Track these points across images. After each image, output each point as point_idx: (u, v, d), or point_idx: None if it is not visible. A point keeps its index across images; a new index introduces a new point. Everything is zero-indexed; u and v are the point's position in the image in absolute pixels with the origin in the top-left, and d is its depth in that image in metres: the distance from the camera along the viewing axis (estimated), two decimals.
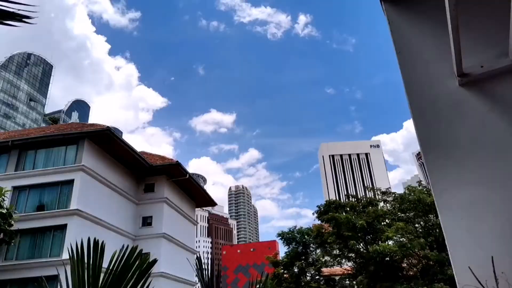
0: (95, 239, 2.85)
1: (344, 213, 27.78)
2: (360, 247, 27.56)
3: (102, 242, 2.85)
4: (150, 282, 2.93)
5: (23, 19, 1.96)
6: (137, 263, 2.81)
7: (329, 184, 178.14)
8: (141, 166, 29.26)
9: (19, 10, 1.93)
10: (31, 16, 1.97)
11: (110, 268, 2.77)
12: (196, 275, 4.12)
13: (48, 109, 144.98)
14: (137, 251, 2.84)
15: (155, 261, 2.96)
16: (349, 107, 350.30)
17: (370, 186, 48.29)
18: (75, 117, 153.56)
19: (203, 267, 4.00)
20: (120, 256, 2.80)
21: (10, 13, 1.93)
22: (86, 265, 2.77)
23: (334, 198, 67.88)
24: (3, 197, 20.19)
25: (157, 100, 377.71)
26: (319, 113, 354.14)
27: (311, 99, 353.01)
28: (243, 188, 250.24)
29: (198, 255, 4.42)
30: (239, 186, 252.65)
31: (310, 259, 30.75)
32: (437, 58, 2.93)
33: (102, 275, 2.78)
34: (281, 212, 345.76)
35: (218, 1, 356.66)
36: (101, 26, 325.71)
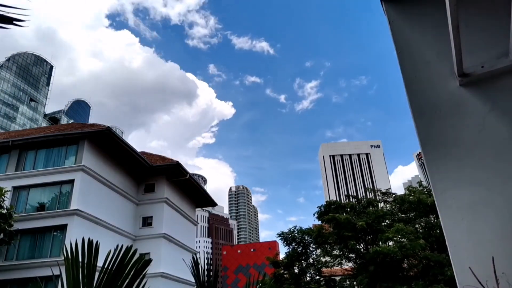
0: (89, 239, 2.85)
1: (344, 214, 27.76)
2: (361, 247, 27.55)
3: (97, 242, 2.85)
4: (146, 282, 2.93)
5: (14, 22, 1.97)
6: (132, 262, 2.80)
7: (329, 184, 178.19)
8: (141, 166, 29.26)
9: (9, 13, 1.93)
10: (23, 19, 1.98)
11: (105, 267, 2.77)
12: (192, 275, 4.10)
13: (48, 109, 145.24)
14: (132, 250, 2.83)
15: (150, 260, 2.95)
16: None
17: (371, 186, 48.30)
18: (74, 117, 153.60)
19: (199, 266, 3.99)
20: (115, 256, 2.79)
21: (2, 16, 1.93)
22: (80, 265, 2.76)
23: (335, 199, 67.87)
24: (3, 197, 20.20)
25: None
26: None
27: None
28: (243, 189, 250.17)
29: (194, 255, 4.41)
30: (240, 186, 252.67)
31: (310, 260, 30.75)
32: (437, 58, 2.92)
33: (97, 274, 2.78)
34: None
35: None
36: None
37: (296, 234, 31.26)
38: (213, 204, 40.92)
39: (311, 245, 31.04)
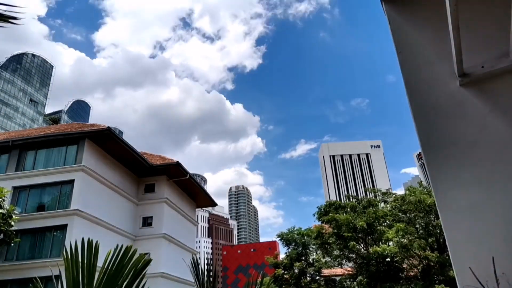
0: (89, 239, 2.84)
1: (344, 214, 27.76)
2: (361, 247, 27.55)
3: (97, 242, 2.84)
4: (145, 282, 2.92)
5: (9, 20, 1.95)
6: (131, 262, 2.80)
7: (329, 184, 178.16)
8: (141, 166, 29.24)
9: (5, 11, 1.91)
10: (17, 17, 1.96)
11: (105, 267, 2.76)
12: (192, 275, 4.11)
13: (48, 109, 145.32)
14: (132, 250, 2.83)
15: (150, 260, 2.94)
16: None
17: (371, 186, 48.25)
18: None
19: (199, 267, 4.00)
20: (115, 256, 2.79)
21: None
22: (80, 265, 2.76)
23: (335, 199, 67.77)
24: (3, 197, 20.16)
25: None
26: None
27: None
28: (244, 189, 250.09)
29: (194, 256, 4.42)
30: (240, 186, 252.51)
31: (310, 260, 30.76)
32: (438, 58, 2.92)
33: (97, 274, 2.77)
34: None
35: None
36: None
37: (295, 235, 31.29)
38: (213, 204, 40.89)
39: (311, 245, 31.05)
